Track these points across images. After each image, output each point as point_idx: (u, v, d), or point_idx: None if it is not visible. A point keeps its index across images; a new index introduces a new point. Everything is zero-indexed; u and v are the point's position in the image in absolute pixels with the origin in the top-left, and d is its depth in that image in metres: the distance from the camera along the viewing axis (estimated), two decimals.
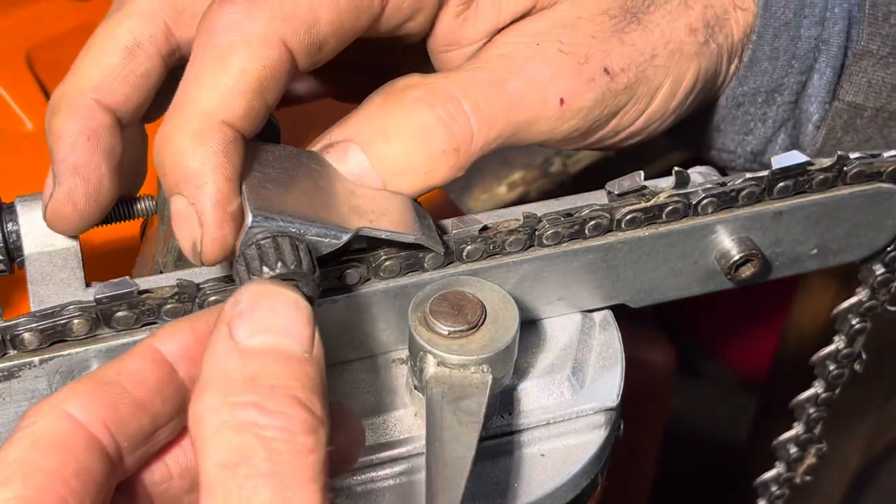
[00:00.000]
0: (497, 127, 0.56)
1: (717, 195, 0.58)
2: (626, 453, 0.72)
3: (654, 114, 0.62)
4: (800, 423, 0.77)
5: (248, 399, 0.40)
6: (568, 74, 0.57)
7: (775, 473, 0.81)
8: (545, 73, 0.57)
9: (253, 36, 0.51)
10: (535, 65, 0.57)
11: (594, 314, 0.62)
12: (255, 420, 0.40)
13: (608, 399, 0.58)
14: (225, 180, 0.50)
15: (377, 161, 0.54)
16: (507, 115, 0.56)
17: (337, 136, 0.55)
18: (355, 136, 0.55)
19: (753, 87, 0.65)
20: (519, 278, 0.57)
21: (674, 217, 0.58)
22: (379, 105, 0.56)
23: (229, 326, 0.42)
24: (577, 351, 0.60)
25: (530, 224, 0.56)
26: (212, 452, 0.40)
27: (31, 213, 0.57)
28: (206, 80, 0.51)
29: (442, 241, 0.55)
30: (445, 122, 0.55)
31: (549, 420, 0.58)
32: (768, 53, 0.64)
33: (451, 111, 0.55)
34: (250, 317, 0.42)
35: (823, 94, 0.65)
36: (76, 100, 0.56)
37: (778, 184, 0.58)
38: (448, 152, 0.55)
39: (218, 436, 0.40)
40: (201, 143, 0.50)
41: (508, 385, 0.57)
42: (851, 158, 0.58)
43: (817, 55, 0.64)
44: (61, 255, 0.57)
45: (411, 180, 0.55)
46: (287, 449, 0.39)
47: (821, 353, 0.72)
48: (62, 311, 0.51)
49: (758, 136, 0.67)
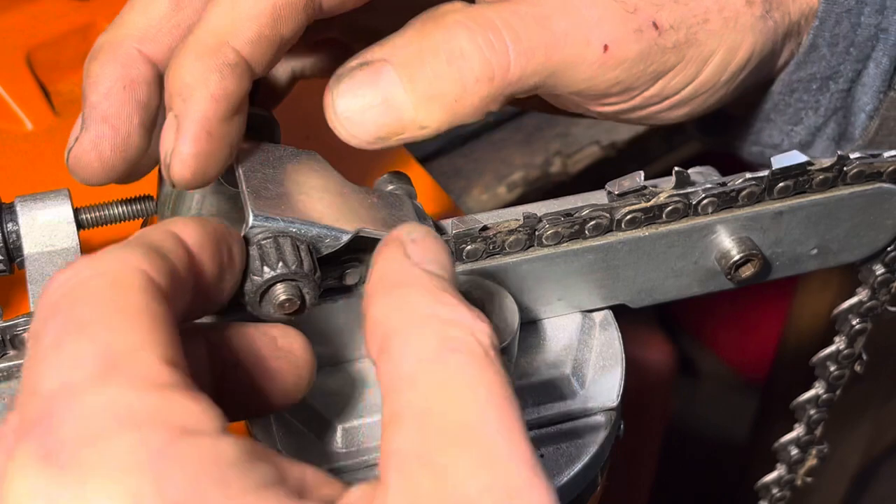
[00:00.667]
0: (535, 61, 0.54)
1: (717, 195, 0.58)
2: (626, 453, 0.72)
3: (704, 84, 0.59)
4: (801, 424, 0.77)
5: (454, 301, 0.41)
6: (615, 21, 0.55)
7: (776, 476, 0.81)
8: (592, 16, 0.55)
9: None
10: (582, 7, 0.55)
11: (594, 314, 0.62)
12: (466, 321, 0.40)
13: (608, 399, 0.58)
14: (210, 97, 0.49)
15: (409, 83, 0.52)
16: (547, 52, 0.54)
17: (373, 56, 0.53)
18: (390, 57, 0.52)
19: (810, 73, 0.63)
20: (519, 278, 0.57)
21: (674, 217, 0.58)
22: (418, 28, 0.53)
23: (405, 248, 0.43)
24: (577, 351, 0.60)
25: (530, 224, 0.56)
26: (422, 337, 0.39)
27: (31, 213, 0.57)
28: (222, 3, 0.50)
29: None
30: (482, 49, 0.53)
31: (549, 420, 0.58)
32: (828, 40, 0.62)
33: (490, 39, 0.53)
34: (423, 245, 0.43)
35: (879, 84, 0.64)
36: (118, 46, 0.54)
37: (778, 184, 0.58)
38: (481, 81, 0.53)
39: (429, 324, 0.40)
40: (199, 60, 0.49)
41: None
42: (852, 158, 0.58)
43: (875, 44, 0.63)
44: (61, 255, 0.57)
45: (440, 108, 0.53)
46: (493, 353, 0.40)
47: (821, 354, 0.72)
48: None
49: (808, 126, 0.66)
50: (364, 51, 0.54)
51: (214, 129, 0.49)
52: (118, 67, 0.53)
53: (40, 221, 0.56)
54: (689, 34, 0.57)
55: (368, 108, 0.52)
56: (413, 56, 0.53)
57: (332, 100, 0.52)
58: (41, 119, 0.81)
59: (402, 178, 0.58)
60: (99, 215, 0.59)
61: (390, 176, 0.58)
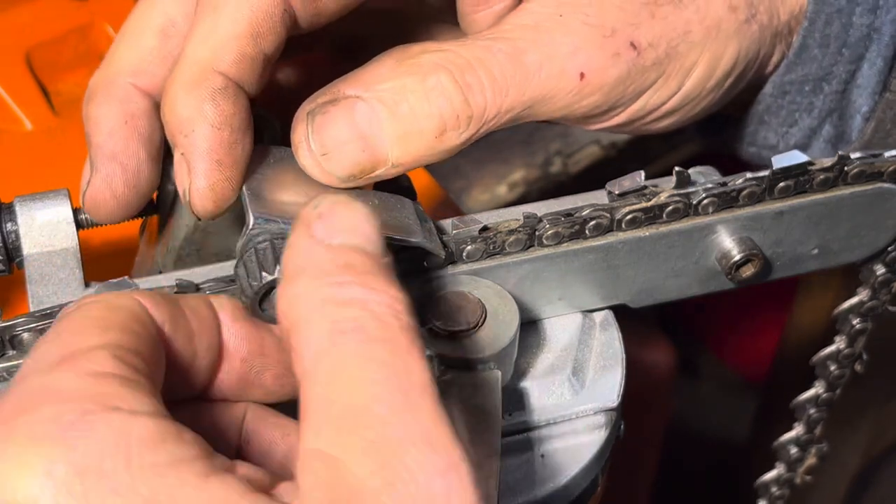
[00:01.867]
0: (511, 98, 0.54)
1: (717, 195, 0.57)
2: (626, 453, 0.72)
3: (689, 94, 0.59)
4: (800, 423, 0.77)
5: (347, 279, 0.40)
6: (590, 48, 0.55)
7: (776, 474, 0.81)
8: (566, 46, 0.55)
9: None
10: (557, 37, 0.55)
11: (594, 314, 0.62)
12: (359, 296, 0.40)
13: (608, 399, 0.58)
14: (211, 128, 0.49)
15: (388, 121, 0.52)
16: (521, 88, 0.54)
17: (343, 91, 0.53)
18: (365, 93, 0.53)
19: (802, 74, 0.63)
20: (519, 278, 0.57)
21: (674, 217, 0.58)
22: (393, 67, 0.54)
23: (309, 227, 0.42)
24: (577, 351, 0.60)
25: (530, 224, 0.55)
26: (316, 326, 0.40)
27: (30, 213, 0.57)
28: (200, 30, 0.50)
29: (442, 244, 0.55)
30: (461, 89, 0.53)
31: (550, 420, 0.58)
32: (819, 40, 0.62)
33: (467, 79, 0.53)
34: (330, 219, 0.43)
35: (873, 85, 0.63)
36: (112, 84, 0.55)
37: (779, 184, 0.58)
38: (462, 119, 0.53)
39: (322, 310, 0.40)
40: (190, 92, 0.50)
41: (508, 385, 0.57)
42: (852, 158, 0.58)
43: (868, 44, 0.62)
44: (60, 256, 0.56)
45: (420, 144, 0.53)
46: (395, 323, 0.39)
47: (822, 354, 0.72)
48: (61, 311, 0.51)
49: (802, 128, 0.65)
50: (330, 86, 0.53)
51: (223, 157, 0.50)
52: (116, 104, 0.54)
53: (40, 221, 0.56)
54: (668, 48, 0.57)
55: (344, 144, 0.52)
56: (391, 93, 0.52)
57: (307, 135, 0.52)
58: (41, 119, 0.81)
59: (402, 178, 0.58)
60: None
61: None
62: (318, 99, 0.53)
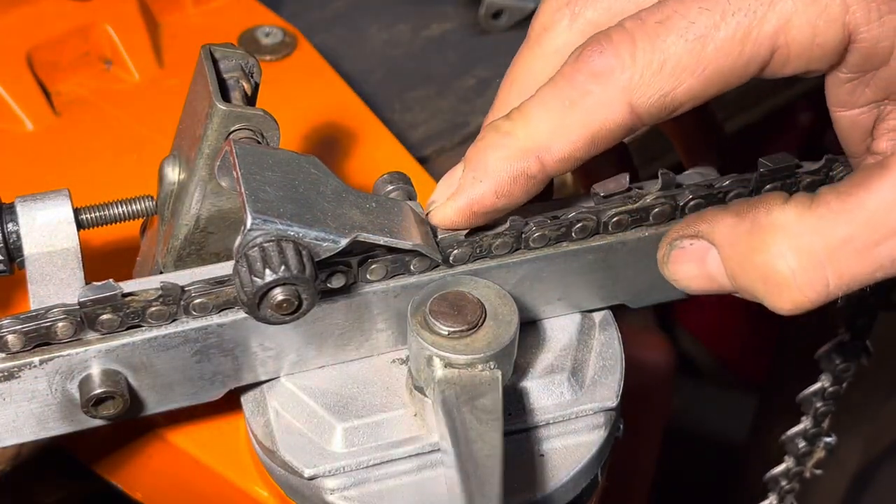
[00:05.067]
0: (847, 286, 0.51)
1: (704, 196, 0.58)
2: (626, 453, 0.72)
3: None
4: (808, 417, 0.77)
5: None
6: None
7: (784, 468, 0.81)
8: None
9: (606, 96, 0.51)
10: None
11: (594, 314, 0.62)
12: None
13: (608, 399, 0.58)
14: (494, 194, 0.53)
15: (730, 272, 0.54)
16: (870, 279, 0.51)
17: (699, 230, 0.55)
18: (716, 240, 0.54)
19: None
20: (518, 278, 0.58)
21: (661, 219, 0.58)
22: (746, 230, 0.53)
23: None
24: (576, 351, 0.60)
25: (516, 227, 0.56)
26: None
27: (31, 213, 0.57)
28: (554, 112, 0.52)
29: (438, 247, 0.55)
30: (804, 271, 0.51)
31: (549, 420, 0.58)
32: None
33: (812, 276, 0.51)
34: None
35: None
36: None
37: (766, 185, 0.58)
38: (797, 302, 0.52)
39: None
40: (507, 160, 0.52)
41: (508, 384, 0.57)
42: (840, 160, 0.59)
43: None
44: (61, 256, 0.56)
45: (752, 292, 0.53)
46: None
47: (826, 347, 0.73)
48: (46, 313, 0.51)
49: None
50: (690, 221, 0.55)
51: (480, 211, 0.54)
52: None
53: (40, 222, 0.56)
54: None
55: (693, 277, 0.56)
56: (737, 252, 0.53)
57: (665, 261, 0.57)
58: (41, 119, 0.81)
59: (402, 179, 0.58)
60: (99, 215, 0.59)
61: (390, 176, 0.58)
62: (681, 230, 0.56)
